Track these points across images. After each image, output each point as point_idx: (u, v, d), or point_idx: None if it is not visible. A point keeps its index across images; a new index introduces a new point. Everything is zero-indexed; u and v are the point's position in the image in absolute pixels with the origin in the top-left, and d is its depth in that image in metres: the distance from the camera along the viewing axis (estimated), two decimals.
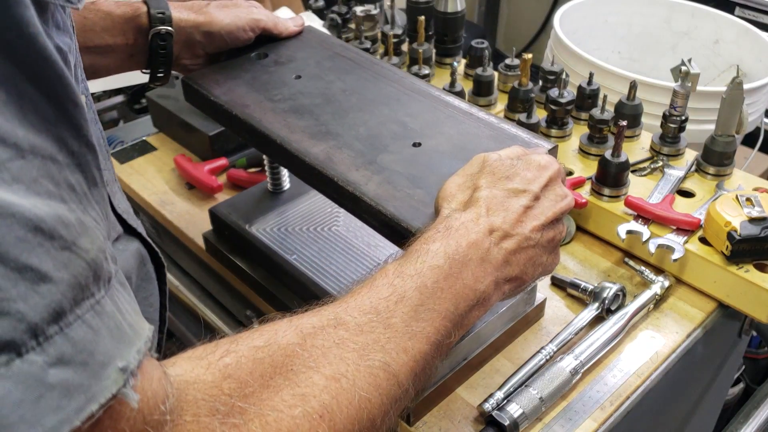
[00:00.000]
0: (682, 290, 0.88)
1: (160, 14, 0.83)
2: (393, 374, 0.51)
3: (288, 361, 0.48)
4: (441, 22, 1.26)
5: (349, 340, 0.51)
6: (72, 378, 0.34)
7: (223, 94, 0.83)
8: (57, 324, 0.34)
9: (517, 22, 2.78)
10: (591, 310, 0.83)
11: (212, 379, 0.45)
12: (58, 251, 0.35)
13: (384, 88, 0.84)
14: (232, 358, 0.47)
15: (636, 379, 0.77)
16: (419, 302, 0.54)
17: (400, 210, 0.67)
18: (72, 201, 0.37)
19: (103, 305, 0.37)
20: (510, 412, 0.70)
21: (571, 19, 1.38)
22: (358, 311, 0.53)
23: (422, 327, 0.54)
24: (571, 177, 0.98)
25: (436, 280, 0.56)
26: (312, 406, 0.46)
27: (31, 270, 0.33)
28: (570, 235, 0.96)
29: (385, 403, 0.51)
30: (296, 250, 0.91)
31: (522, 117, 1.02)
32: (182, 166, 1.11)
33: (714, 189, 0.95)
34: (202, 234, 1.00)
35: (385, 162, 0.72)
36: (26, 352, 0.32)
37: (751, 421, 0.99)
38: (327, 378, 0.48)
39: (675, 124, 1.00)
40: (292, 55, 0.90)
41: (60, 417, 0.33)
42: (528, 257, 0.62)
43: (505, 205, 0.61)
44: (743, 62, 1.35)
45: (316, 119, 0.78)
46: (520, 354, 0.80)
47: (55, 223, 0.35)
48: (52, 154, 0.37)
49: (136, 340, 0.38)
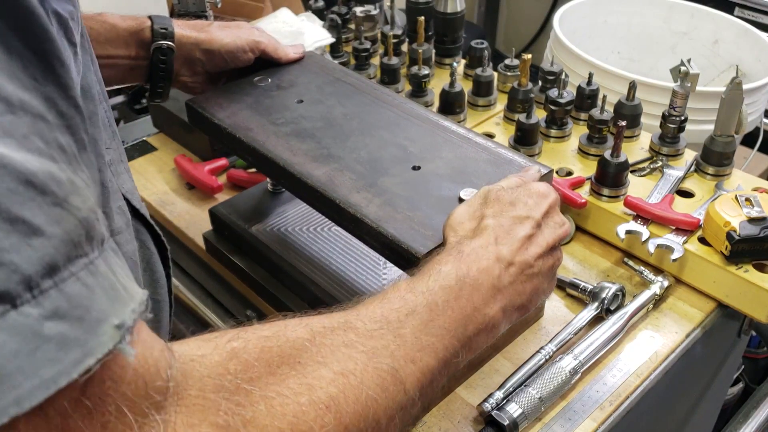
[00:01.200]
0: (682, 290, 0.88)
1: (162, 29, 0.85)
2: (400, 381, 0.51)
3: (296, 353, 0.48)
4: (441, 22, 1.26)
5: (358, 343, 0.51)
6: (68, 332, 0.33)
7: (226, 118, 0.85)
8: (51, 278, 0.33)
9: (517, 23, 2.78)
10: (590, 310, 0.83)
11: (219, 359, 0.45)
12: (50, 206, 0.34)
13: (384, 112, 0.86)
14: (239, 343, 0.47)
15: (635, 378, 0.77)
16: (429, 318, 0.55)
17: (401, 231, 0.68)
18: (62, 161, 0.37)
19: (97, 265, 0.37)
20: (509, 412, 0.70)
21: (570, 19, 1.39)
22: (369, 319, 0.54)
23: (431, 341, 0.54)
24: (570, 177, 0.98)
25: (447, 299, 0.57)
26: (319, 396, 0.46)
27: (23, 222, 0.33)
28: (569, 236, 0.96)
29: (391, 407, 0.50)
30: (296, 250, 0.91)
31: (521, 117, 1.02)
32: (182, 166, 1.11)
33: (713, 189, 0.95)
34: (202, 234, 1.00)
35: (385, 185, 0.74)
36: (21, 305, 0.32)
37: (750, 421, 0.99)
38: (335, 373, 0.48)
39: (674, 125, 1.00)
40: (294, 80, 0.92)
41: (57, 369, 0.33)
42: (533, 286, 0.64)
43: (511, 233, 0.63)
44: (742, 62, 1.35)
45: (318, 142, 0.80)
46: (520, 354, 0.80)
47: (46, 178, 0.35)
48: (41, 113, 0.37)
49: (130, 301, 0.38)
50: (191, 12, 1.17)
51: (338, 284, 0.87)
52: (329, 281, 0.87)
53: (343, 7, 1.35)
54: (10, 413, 0.31)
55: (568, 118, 1.07)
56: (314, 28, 1.24)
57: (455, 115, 1.11)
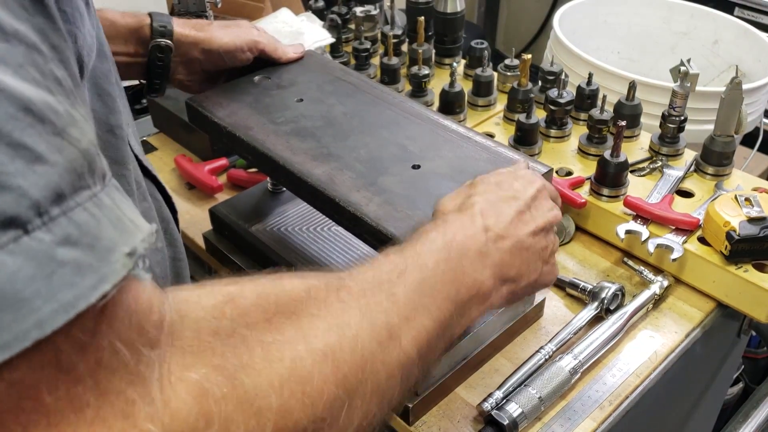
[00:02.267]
0: (681, 290, 0.89)
1: (161, 27, 0.85)
2: (396, 337, 0.51)
3: (292, 303, 0.48)
4: (441, 22, 1.26)
5: (351, 300, 0.51)
6: (81, 258, 0.33)
7: (226, 117, 0.85)
8: (59, 206, 0.33)
9: (517, 23, 2.78)
10: (590, 310, 0.83)
11: (215, 302, 0.45)
12: (50, 135, 0.34)
13: (384, 111, 0.86)
14: (236, 288, 0.47)
15: (635, 378, 0.77)
16: (420, 279, 0.55)
17: (401, 230, 0.68)
18: (60, 94, 0.36)
19: (101, 198, 0.36)
20: (509, 412, 0.70)
21: (570, 19, 1.39)
22: (361, 280, 0.53)
23: (424, 302, 0.54)
24: (570, 177, 0.98)
25: (436, 261, 0.57)
26: (316, 346, 0.46)
27: (25, 148, 0.32)
28: (569, 235, 0.96)
29: (389, 363, 0.50)
30: (296, 250, 0.91)
31: (521, 117, 1.02)
32: (182, 166, 1.11)
33: (713, 189, 0.95)
34: (202, 234, 1.00)
35: (385, 183, 0.74)
36: (32, 230, 0.32)
37: (750, 421, 0.99)
38: (330, 325, 0.48)
39: (674, 125, 1.00)
40: (294, 79, 0.92)
41: (75, 293, 0.33)
42: (523, 260, 0.63)
43: (498, 209, 0.63)
44: (742, 62, 1.35)
45: (318, 141, 0.80)
46: (520, 354, 0.80)
47: (44, 107, 0.34)
48: (35, 44, 0.36)
49: (138, 232, 0.37)
50: (191, 12, 1.17)
51: None
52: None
53: (343, 7, 1.35)
54: (33, 337, 0.31)
55: (568, 118, 1.07)
56: (314, 28, 1.24)
57: (455, 115, 1.11)
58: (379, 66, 1.20)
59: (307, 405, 0.44)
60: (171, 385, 0.38)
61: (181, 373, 0.39)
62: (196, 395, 0.39)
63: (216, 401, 0.39)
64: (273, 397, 0.42)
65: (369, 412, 0.49)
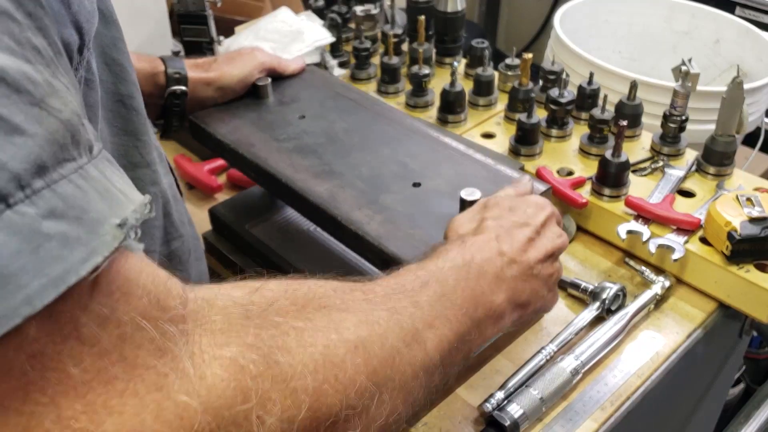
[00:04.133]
0: (683, 290, 0.88)
1: (176, 75, 0.88)
2: (420, 340, 0.52)
3: (321, 300, 0.48)
4: (441, 21, 1.26)
5: (379, 301, 0.52)
6: (68, 231, 0.32)
7: (229, 134, 0.86)
8: (42, 179, 0.32)
9: (518, 22, 2.78)
10: (591, 311, 0.83)
11: (242, 293, 0.44)
12: (27, 106, 0.33)
13: (384, 127, 0.87)
14: (261, 283, 0.47)
15: (636, 379, 0.77)
16: (441, 292, 0.56)
17: (402, 249, 0.69)
18: (38, 63, 0.35)
19: (88, 170, 0.35)
20: (510, 413, 0.70)
21: (571, 18, 1.38)
22: (386, 285, 0.55)
23: (445, 313, 0.55)
24: (571, 177, 0.98)
25: (457, 278, 0.58)
26: (347, 337, 0.46)
27: (1, 120, 0.31)
28: (570, 236, 0.96)
29: (415, 363, 0.51)
30: (296, 250, 0.91)
31: (522, 117, 1.02)
32: (182, 166, 1.11)
33: (714, 189, 0.95)
34: (202, 234, 1.00)
35: (386, 201, 0.75)
36: (15, 204, 0.31)
37: (751, 422, 0.99)
38: (361, 320, 0.48)
39: (675, 124, 1.00)
40: (296, 95, 0.94)
41: (63, 267, 0.32)
42: (533, 286, 0.65)
43: (511, 234, 0.65)
44: (744, 62, 1.35)
45: (320, 158, 0.81)
46: (521, 354, 0.80)
47: (19, 77, 0.33)
48: (8, 11, 0.34)
49: (129, 204, 0.36)
50: (191, 11, 1.16)
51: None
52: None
53: (343, 7, 1.35)
54: (22, 313, 0.30)
55: (569, 118, 1.07)
56: (314, 28, 1.24)
57: (456, 115, 1.11)
58: (380, 65, 1.20)
59: (339, 391, 0.44)
60: (205, 362, 0.38)
61: (215, 351, 0.39)
62: (232, 371, 0.38)
63: (253, 378, 0.39)
64: (309, 378, 0.42)
65: (395, 408, 0.49)
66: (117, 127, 0.60)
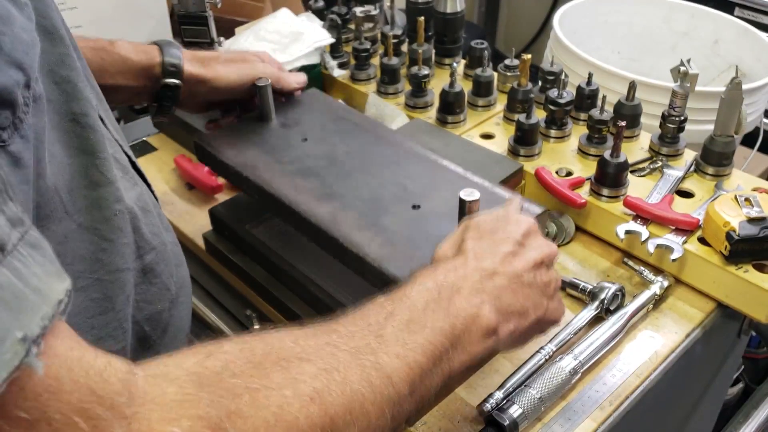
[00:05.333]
0: (681, 290, 0.89)
1: (172, 68, 0.89)
2: (386, 375, 0.51)
3: (278, 351, 0.48)
4: (441, 22, 1.26)
5: (341, 343, 0.51)
6: None
7: (234, 156, 0.87)
8: None
9: (517, 23, 2.78)
10: (590, 310, 0.83)
11: (195, 360, 0.44)
12: None
13: (384, 150, 0.89)
14: (214, 347, 0.46)
15: (635, 379, 0.77)
16: (410, 318, 0.56)
17: (402, 271, 0.69)
18: None
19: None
20: (509, 412, 0.70)
21: (570, 19, 1.39)
22: (350, 323, 0.54)
23: (414, 339, 0.55)
24: (570, 177, 0.98)
25: (426, 301, 0.57)
26: (303, 390, 0.46)
27: None
28: (569, 236, 0.96)
29: (379, 401, 0.50)
30: (296, 250, 0.91)
31: (521, 117, 1.02)
32: (182, 166, 1.11)
33: (713, 189, 0.95)
34: (202, 234, 1.00)
35: (386, 223, 0.76)
36: None
37: (750, 421, 0.99)
38: (318, 368, 0.48)
39: (674, 125, 1.00)
40: (299, 118, 0.95)
41: None
42: (525, 295, 0.63)
43: (491, 250, 0.64)
44: (742, 62, 1.35)
45: (322, 181, 0.83)
46: (520, 354, 0.80)
47: None
48: None
49: (41, 306, 0.35)
50: (191, 12, 1.16)
51: (338, 284, 0.87)
52: (329, 281, 0.87)
53: (343, 7, 1.35)
54: None
55: (568, 119, 1.07)
56: (314, 29, 1.24)
57: (455, 115, 1.11)
58: (379, 66, 1.20)
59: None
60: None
61: (164, 427, 0.39)
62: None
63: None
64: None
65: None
66: (73, 148, 0.58)
